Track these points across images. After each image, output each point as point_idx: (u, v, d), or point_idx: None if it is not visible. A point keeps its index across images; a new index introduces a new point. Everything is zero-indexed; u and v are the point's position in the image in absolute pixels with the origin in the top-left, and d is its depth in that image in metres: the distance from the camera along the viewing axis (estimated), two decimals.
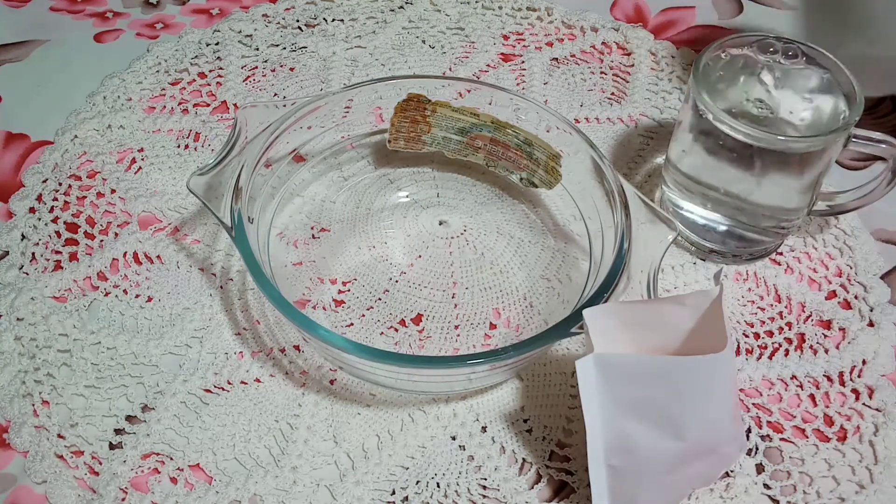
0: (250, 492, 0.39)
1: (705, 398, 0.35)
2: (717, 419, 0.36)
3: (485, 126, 0.47)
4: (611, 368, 0.34)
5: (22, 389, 0.42)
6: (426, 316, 0.45)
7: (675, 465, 0.35)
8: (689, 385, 0.34)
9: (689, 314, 0.36)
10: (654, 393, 0.34)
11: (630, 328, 0.36)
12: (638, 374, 0.34)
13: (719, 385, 0.35)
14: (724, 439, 0.37)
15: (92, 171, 0.52)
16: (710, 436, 0.36)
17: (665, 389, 0.34)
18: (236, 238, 0.39)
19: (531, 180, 0.47)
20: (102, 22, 0.62)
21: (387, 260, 0.47)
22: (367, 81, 0.47)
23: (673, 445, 0.35)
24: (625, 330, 0.36)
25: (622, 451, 0.35)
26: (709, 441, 0.36)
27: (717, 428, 0.36)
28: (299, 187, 0.49)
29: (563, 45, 0.61)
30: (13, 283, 0.46)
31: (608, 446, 0.35)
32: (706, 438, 0.36)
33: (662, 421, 0.35)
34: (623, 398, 0.34)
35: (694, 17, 0.64)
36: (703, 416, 0.35)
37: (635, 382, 0.34)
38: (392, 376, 0.39)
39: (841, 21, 0.63)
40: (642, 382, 0.34)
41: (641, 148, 0.54)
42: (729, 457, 0.38)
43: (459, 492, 0.39)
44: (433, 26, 0.62)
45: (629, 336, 0.36)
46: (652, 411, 0.34)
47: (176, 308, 0.46)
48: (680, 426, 0.35)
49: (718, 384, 0.35)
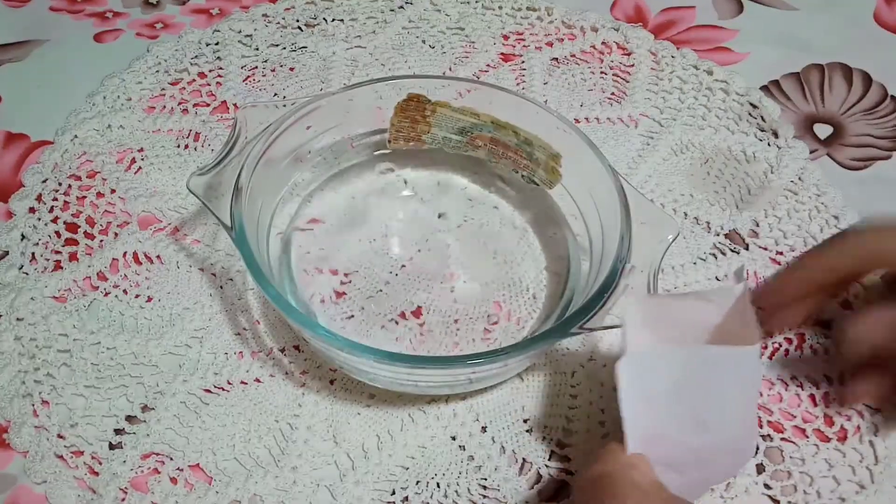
0: (250, 492, 0.39)
1: (734, 392, 0.34)
2: (742, 414, 0.35)
3: (485, 126, 0.47)
4: (649, 363, 0.33)
5: (22, 389, 0.42)
6: (426, 309, 0.45)
7: (700, 459, 0.35)
8: (722, 377, 0.34)
9: (716, 310, 0.36)
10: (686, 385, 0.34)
11: (656, 322, 0.36)
12: (673, 367, 0.33)
13: (748, 379, 0.35)
14: (746, 435, 0.36)
15: (92, 171, 0.52)
16: (734, 431, 0.35)
17: (697, 381, 0.34)
18: (237, 238, 0.39)
19: (532, 179, 0.47)
20: (102, 22, 0.62)
21: (387, 252, 0.47)
22: (367, 81, 0.47)
23: (699, 439, 0.34)
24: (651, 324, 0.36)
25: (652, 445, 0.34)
26: (732, 436, 0.35)
27: (741, 423, 0.36)
28: (299, 187, 0.49)
29: (563, 45, 0.61)
30: (13, 283, 0.46)
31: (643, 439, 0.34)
32: (730, 433, 0.35)
33: (692, 414, 0.34)
34: (658, 392, 0.34)
35: (694, 17, 0.63)
36: (730, 410, 0.35)
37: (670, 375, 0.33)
38: (392, 375, 0.39)
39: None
40: (677, 375, 0.33)
41: (641, 148, 0.54)
42: (746, 453, 0.37)
43: (459, 492, 0.39)
44: (433, 26, 0.62)
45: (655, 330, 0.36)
46: (683, 404, 0.34)
47: (176, 308, 0.46)
48: (707, 419, 0.34)
49: (747, 378, 0.35)
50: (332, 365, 0.43)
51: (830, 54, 0.60)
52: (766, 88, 0.57)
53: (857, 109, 0.57)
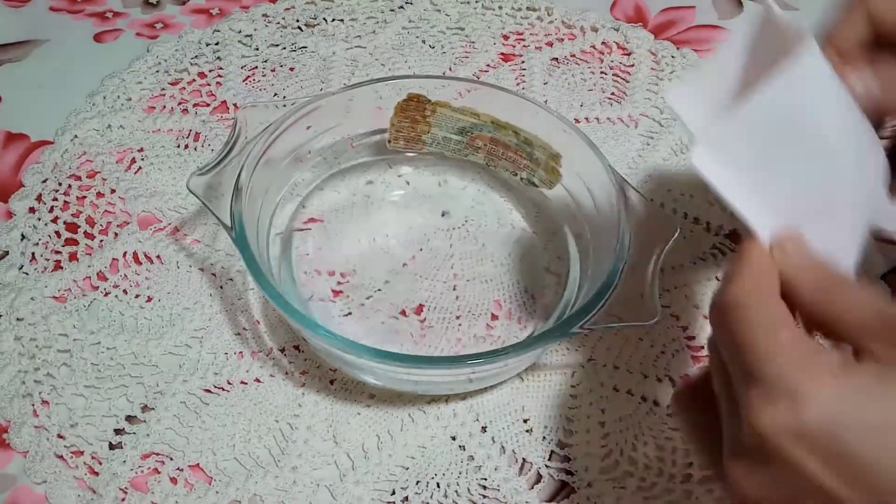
0: (250, 492, 0.39)
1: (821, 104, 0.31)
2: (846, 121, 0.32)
3: (485, 126, 0.47)
4: (722, 136, 0.30)
5: (22, 389, 0.42)
6: (427, 306, 0.45)
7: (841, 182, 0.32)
8: (796, 99, 0.30)
9: (744, 44, 0.33)
10: (773, 131, 0.30)
11: (704, 97, 0.33)
12: (749, 124, 0.30)
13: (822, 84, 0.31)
14: (870, 136, 0.33)
15: (92, 171, 0.52)
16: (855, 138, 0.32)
17: (780, 121, 0.30)
18: (237, 238, 0.39)
19: (531, 180, 0.48)
20: (102, 22, 0.62)
21: (387, 251, 0.47)
22: (367, 81, 0.47)
23: (827, 168, 0.31)
24: (699, 101, 0.33)
25: (786, 215, 0.31)
26: (857, 143, 0.32)
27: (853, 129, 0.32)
28: (299, 187, 0.49)
29: (563, 45, 0.61)
30: (13, 283, 0.46)
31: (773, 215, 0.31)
32: (852, 142, 0.32)
33: (800, 155, 0.31)
34: (751, 158, 0.30)
35: (694, 17, 0.63)
36: (832, 126, 0.31)
37: (751, 134, 0.30)
38: (392, 375, 0.39)
39: None
40: (758, 129, 0.30)
41: (641, 148, 0.54)
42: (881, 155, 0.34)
43: (459, 492, 0.39)
44: (433, 26, 0.62)
45: (707, 102, 0.33)
46: (785, 150, 0.30)
47: (176, 308, 0.46)
48: (816, 148, 0.31)
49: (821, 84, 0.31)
50: (332, 365, 0.43)
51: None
52: None
53: None
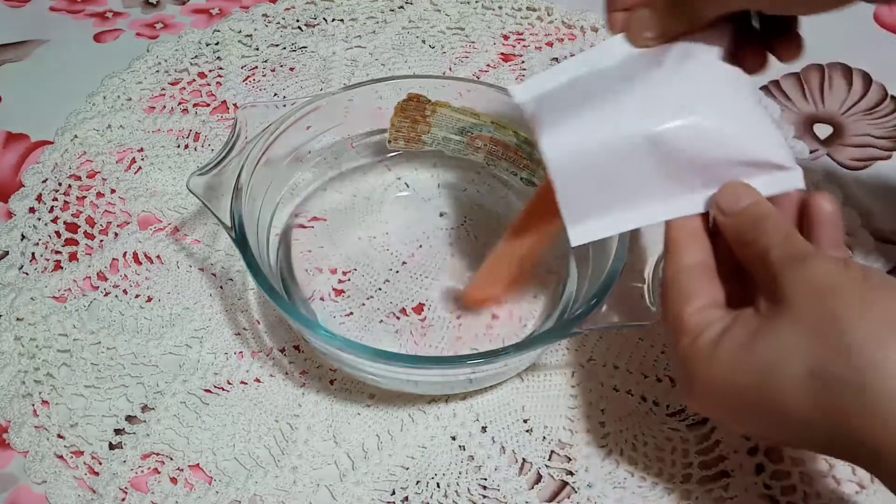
0: (250, 492, 0.39)
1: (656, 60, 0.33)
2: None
3: (485, 126, 0.47)
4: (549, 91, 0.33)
5: (22, 389, 0.42)
6: (428, 305, 0.45)
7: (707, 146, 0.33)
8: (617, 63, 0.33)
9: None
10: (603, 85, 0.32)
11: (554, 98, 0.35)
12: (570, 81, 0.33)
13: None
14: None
15: (92, 171, 0.52)
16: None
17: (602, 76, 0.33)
18: (237, 238, 0.39)
19: (531, 180, 0.47)
20: (102, 22, 0.62)
21: (387, 250, 0.47)
22: (367, 81, 0.47)
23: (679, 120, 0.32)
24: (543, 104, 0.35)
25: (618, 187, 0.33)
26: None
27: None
28: (299, 187, 0.49)
29: (563, 45, 0.60)
30: (13, 283, 0.46)
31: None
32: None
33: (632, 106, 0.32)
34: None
35: None
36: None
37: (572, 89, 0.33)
38: (392, 375, 0.39)
39: None
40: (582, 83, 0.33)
41: None
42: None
43: (459, 492, 0.39)
44: (433, 26, 0.62)
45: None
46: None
47: (176, 308, 0.46)
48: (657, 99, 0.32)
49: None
50: (332, 364, 0.43)
51: (830, 54, 0.60)
52: (766, 88, 0.57)
53: (857, 109, 0.57)
